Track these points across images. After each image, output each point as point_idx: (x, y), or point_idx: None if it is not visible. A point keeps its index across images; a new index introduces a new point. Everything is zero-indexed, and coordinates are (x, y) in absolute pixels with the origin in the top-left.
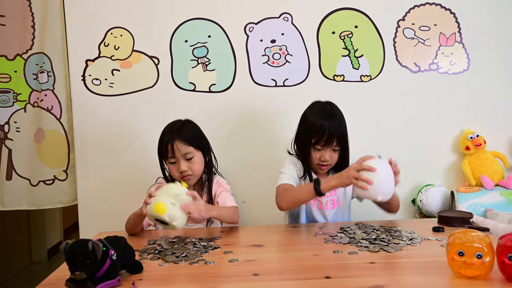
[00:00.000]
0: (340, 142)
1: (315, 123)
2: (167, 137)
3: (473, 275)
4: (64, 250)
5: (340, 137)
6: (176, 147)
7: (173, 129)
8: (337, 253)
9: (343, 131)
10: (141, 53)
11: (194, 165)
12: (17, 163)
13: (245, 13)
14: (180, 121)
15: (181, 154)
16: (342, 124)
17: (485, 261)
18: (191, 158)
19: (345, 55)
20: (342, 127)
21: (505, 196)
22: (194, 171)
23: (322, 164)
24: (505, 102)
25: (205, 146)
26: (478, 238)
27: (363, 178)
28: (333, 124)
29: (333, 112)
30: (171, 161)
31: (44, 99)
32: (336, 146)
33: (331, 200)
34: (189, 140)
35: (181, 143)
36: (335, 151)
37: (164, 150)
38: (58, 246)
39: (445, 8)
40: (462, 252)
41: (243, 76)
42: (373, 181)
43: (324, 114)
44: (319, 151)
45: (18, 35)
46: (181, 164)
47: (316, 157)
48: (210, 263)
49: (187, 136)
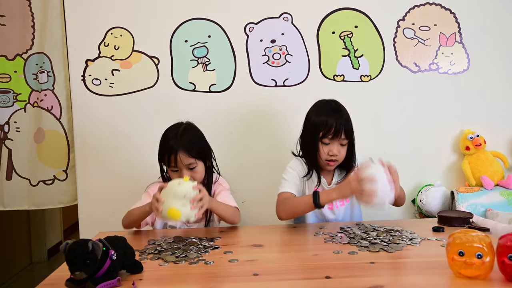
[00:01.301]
0: (348, 136)
1: (321, 118)
2: (170, 146)
3: (473, 275)
4: (64, 250)
5: (347, 131)
6: (179, 158)
7: (176, 136)
8: (337, 253)
9: (350, 125)
10: (141, 53)
11: (196, 174)
12: (17, 163)
13: (245, 13)
14: (182, 125)
15: (184, 165)
16: (349, 119)
17: (485, 261)
18: (194, 168)
19: (345, 55)
20: (348, 121)
21: (505, 196)
22: (196, 179)
23: (330, 159)
24: (505, 102)
25: (207, 153)
26: (478, 238)
27: (367, 192)
28: (340, 118)
29: (339, 107)
30: (173, 170)
31: (44, 99)
32: (344, 140)
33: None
34: (192, 151)
35: (185, 154)
36: (342, 145)
37: (167, 159)
38: (58, 246)
39: (445, 8)
40: (462, 252)
41: (243, 76)
42: (377, 191)
43: (330, 110)
44: (327, 145)
45: (18, 35)
46: (184, 174)
47: (325, 151)
48: (210, 263)
49: (190, 145)
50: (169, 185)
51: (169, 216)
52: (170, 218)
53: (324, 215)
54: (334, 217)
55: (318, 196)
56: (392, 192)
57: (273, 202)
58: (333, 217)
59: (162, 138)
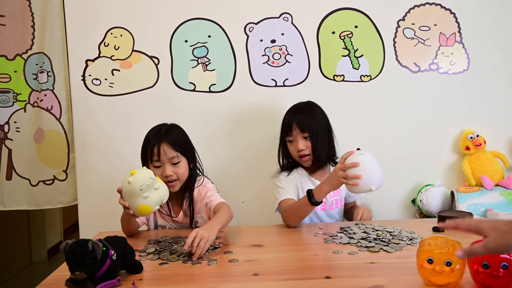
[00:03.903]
0: (306, 129)
1: (284, 120)
2: (153, 140)
3: (443, 283)
4: (64, 250)
5: (305, 124)
6: (163, 150)
7: (160, 132)
8: (337, 253)
9: (310, 119)
10: (141, 53)
11: (179, 169)
12: (17, 163)
13: (245, 13)
14: (166, 124)
15: (167, 158)
16: (311, 114)
17: (455, 268)
18: (177, 163)
19: (345, 55)
20: (306, 116)
21: (505, 196)
22: (180, 176)
23: (300, 155)
24: (505, 102)
25: (191, 152)
26: (447, 244)
27: (350, 175)
28: (298, 115)
29: (302, 108)
30: (156, 165)
31: (44, 99)
32: (305, 133)
33: (335, 200)
34: (176, 144)
35: (168, 146)
36: (305, 138)
37: (150, 153)
38: (58, 246)
39: (445, 8)
40: (431, 259)
41: (243, 76)
42: (361, 175)
43: (292, 111)
44: (292, 143)
45: (18, 35)
46: (166, 168)
47: (293, 149)
48: (211, 263)
49: (174, 140)
50: (123, 187)
51: (142, 214)
52: (144, 214)
53: (321, 219)
54: (330, 221)
55: (312, 194)
56: (380, 175)
57: (273, 202)
58: (330, 221)
59: (146, 136)
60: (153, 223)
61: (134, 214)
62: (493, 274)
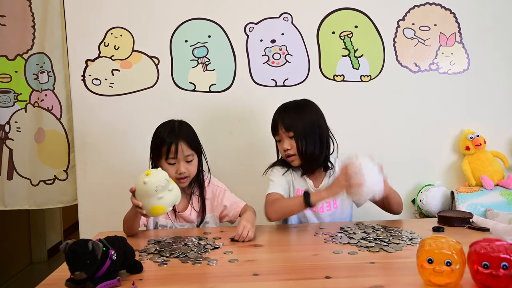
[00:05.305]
0: (291, 128)
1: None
2: (170, 138)
3: (443, 283)
4: (64, 250)
5: (288, 123)
6: (181, 148)
7: (175, 129)
8: (337, 253)
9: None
10: (141, 53)
11: (192, 167)
12: (18, 163)
13: (245, 13)
14: (176, 121)
15: (183, 156)
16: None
17: (455, 268)
18: (191, 160)
19: (345, 55)
20: (292, 115)
21: (505, 196)
22: (191, 173)
23: (286, 154)
24: (505, 102)
25: (201, 148)
26: (447, 244)
27: (354, 184)
28: (283, 114)
29: (288, 107)
30: (171, 162)
31: (44, 99)
32: (289, 133)
33: (326, 202)
34: (191, 143)
35: (185, 144)
36: (291, 138)
37: (166, 150)
38: (58, 246)
39: (445, 8)
40: (431, 259)
41: (243, 76)
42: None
43: (278, 110)
44: (280, 143)
45: (19, 35)
46: (181, 166)
47: (280, 149)
48: (211, 263)
49: (188, 137)
50: (137, 187)
51: (155, 215)
52: (157, 215)
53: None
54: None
55: (309, 196)
56: (381, 183)
57: None
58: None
59: (157, 133)
60: (153, 223)
61: (146, 214)
62: (493, 274)
